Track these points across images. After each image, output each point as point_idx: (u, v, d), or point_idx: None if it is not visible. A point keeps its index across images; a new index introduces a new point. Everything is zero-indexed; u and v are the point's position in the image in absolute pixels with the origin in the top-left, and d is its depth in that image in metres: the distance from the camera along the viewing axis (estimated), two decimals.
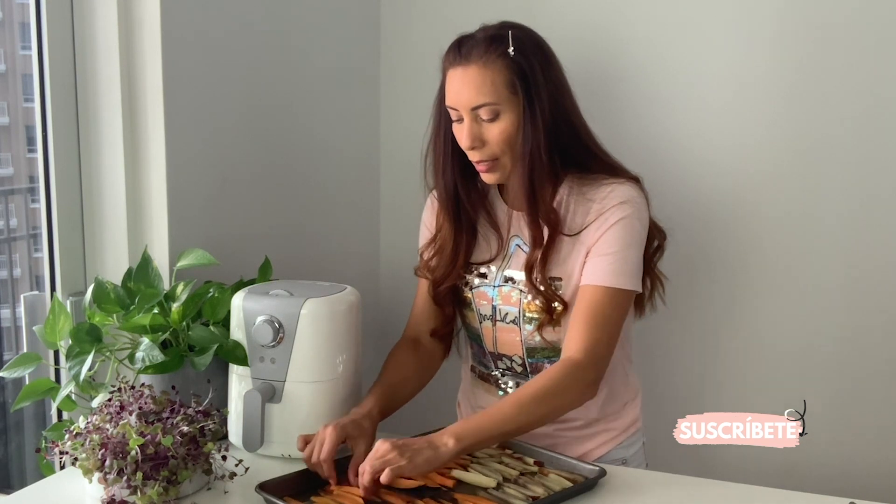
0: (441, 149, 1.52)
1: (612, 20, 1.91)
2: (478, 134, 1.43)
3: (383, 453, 1.25)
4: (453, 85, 1.44)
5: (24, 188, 1.98)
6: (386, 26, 2.13)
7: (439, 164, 1.53)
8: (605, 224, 1.45)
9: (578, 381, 1.41)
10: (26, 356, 1.47)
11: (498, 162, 1.45)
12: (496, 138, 1.43)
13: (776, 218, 1.88)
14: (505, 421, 1.35)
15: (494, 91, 1.41)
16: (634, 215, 1.45)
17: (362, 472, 1.25)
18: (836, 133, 1.81)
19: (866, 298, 1.85)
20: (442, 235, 1.57)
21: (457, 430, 1.31)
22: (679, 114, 1.90)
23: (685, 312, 1.92)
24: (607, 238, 1.44)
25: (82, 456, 1.24)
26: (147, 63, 1.56)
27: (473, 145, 1.44)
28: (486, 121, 1.42)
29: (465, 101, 1.42)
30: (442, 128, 1.51)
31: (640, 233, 1.47)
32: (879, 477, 1.86)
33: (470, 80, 1.41)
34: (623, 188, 1.47)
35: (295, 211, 1.93)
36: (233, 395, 1.47)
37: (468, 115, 1.43)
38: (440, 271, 1.57)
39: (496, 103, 1.41)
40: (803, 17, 1.80)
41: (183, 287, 1.46)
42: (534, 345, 1.53)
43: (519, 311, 1.53)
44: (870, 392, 1.88)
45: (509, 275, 1.54)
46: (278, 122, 1.87)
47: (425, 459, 1.26)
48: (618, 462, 1.56)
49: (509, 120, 1.42)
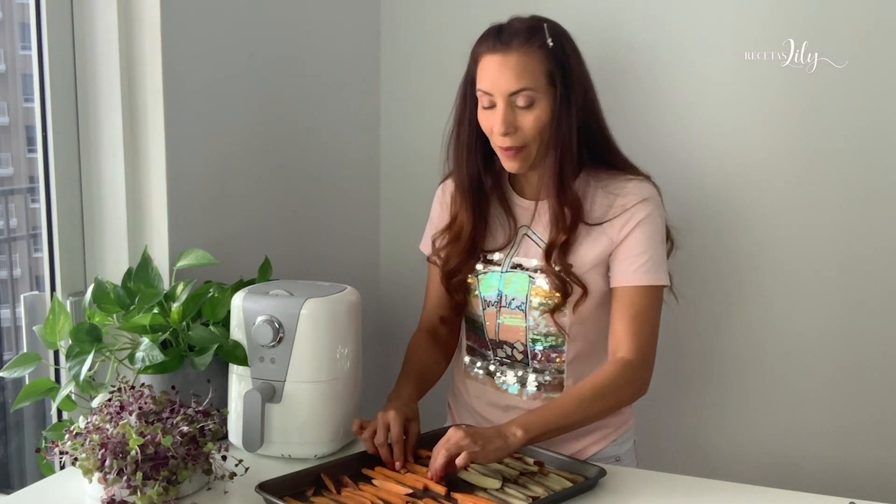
0: (466, 136, 1.54)
1: (612, 20, 1.91)
2: (512, 120, 1.45)
3: (458, 439, 1.31)
4: (491, 70, 1.46)
5: (24, 188, 1.98)
6: (386, 27, 2.13)
7: (463, 151, 1.55)
8: (632, 221, 1.49)
9: (633, 381, 1.48)
10: (26, 356, 1.47)
11: (526, 149, 1.47)
12: (530, 125, 1.45)
13: (776, 219, 1.88)
14: (566, 415, 1.42)
15: (533, 78, 1.44)
16: (657, 212, 1.51)
17: (436, 456, 1.32)
18: (838, 134, 1.81)
19: (867, 298, 1.85)
20: (459, 223, 1.58)
21: (523, 422, 1.37)
22: (681, 112, 1.90)
23: (682, 312, 1.92)
24: (637, 238, 1.49)
25: (82, 456, 1.24)
26: (147, 63, 1.56)
27: (507, 131, 1.45)
28: (522, 108, 1.45)
29: (503, 87, 1.44)
30: (467, 115, 1.53)
31: (663, 228, 1.53)
32: (879, 477, 1.87)
33: (510, 67, 1.43)
34: (644, 185, 1.52)
35: (295, 211, 1.93)
36: (233, 395, 1.47)
37: (504, 101, 1.45)
38: (455, 260, 1.58)
39: (534, 90, 1.44)
40: (804, 16, 1.80)
41: (183, 287, 1.46)
42: (538, 331, 1.55)
43: (526, 297, 1.54)
44: (870, 392, 1.88)
45: (518, 261, 1.56)
46: (278, 122, 1.87)
47: (496, 448, 1.33)
48: (611, 459, 1.58)
49: (543, 108, 1.45)
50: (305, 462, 1.41)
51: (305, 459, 1.43)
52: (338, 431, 1.46)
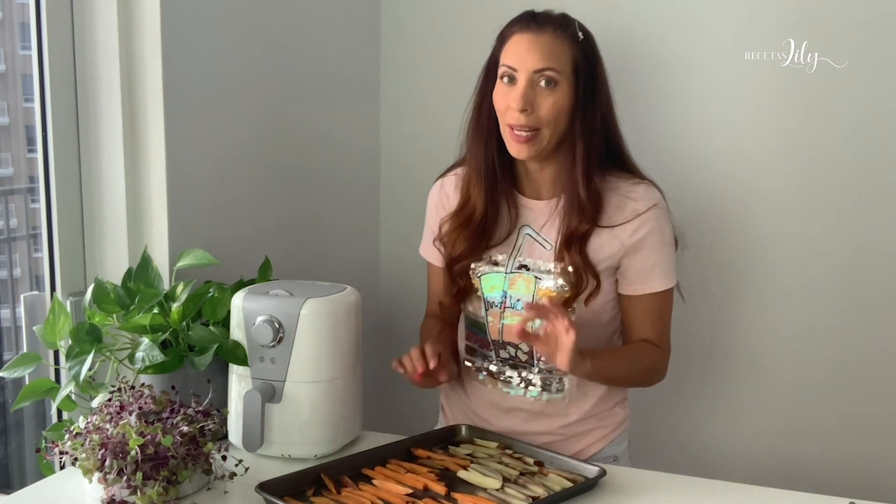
0: (486, 120, 1.54)
1: (612, 20, 1.91)
2: (531, 98, 1.45)
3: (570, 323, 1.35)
4: (520, 46, 1.47)
5: (24, 188, 1.98)
6: (386, 28, 2.13)
7: (482, 135, 1.54)
8: (644, 227, 1.51)
9: (663, 366, 1.59)
10: (26, 356, 1.47)
11: (539, 133, 1.47)
12: (548, 107, 1.46)
13: (775, 219, 1.88)
14: (619, 368, 1.54)
15: (560, 62, 1.46)
16: (665, 218, 1.55)
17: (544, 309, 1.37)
18: (838, 134, 1.81)
19: (867, 297, 1.85)
20: (472, 205, 1.57)
21: (591, 353, 1.43)
22: (681, 112, 1.91)
23: (683, 311, 1.92)
24: (651, 244, 1.52)
25: (82, 456, 1.24)
26: (147, 63, 1.56)
27: (525, 107, 1.45)
28: (543, 87, 1.45)
29: (530, 63, 1.45)
30: (487, 99, 1.53)
31: (671, 232, 1.57)
32: (879, 477, 1.87)
33: (542, 45, 1.45)
34: (652, 190, 1.55)
35: (295, 211, 1.93)
36: (233, 395, 1.47)
37: (526, 78, 1.45)
38: (462, 245, 1.58)
39: (559, 73, 1.45)
40: (804, 16, 1.80)
41: (183, 287, 1.46)
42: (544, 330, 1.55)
43: (532, 298, 1.54)
44: (870, 391, 1.88)
45: (523, 262, 1.56)
46: (279, 122, 1.87)
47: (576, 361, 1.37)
48: (609, 459, 1.60)
49: (564, 94, 1.46)
50: (305, 462, 1.41)
51: (305, 459, 1.43)
52: (338, 431, 1.46)
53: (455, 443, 1.50)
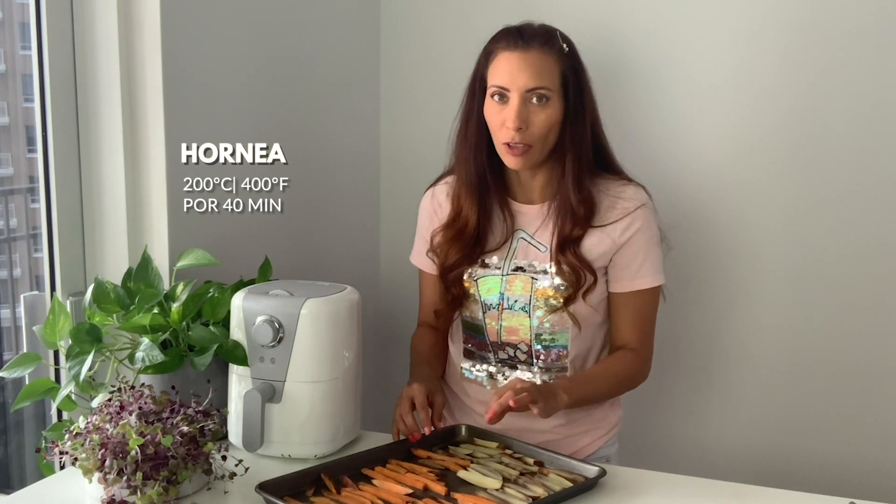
0: (475, 133, 1.55)
1: (608, 20, 1.91)
2: (525, 116, 1.47)
3: (522, 388, 1.39)
4: (509, 66, 1.48)
5: (24, 188, 1.98)
6: (386, 28, 2.13)
7: (471, 148, 1.56)
8: (633, 226, 1.54)
9: (643, 371, 1.61)
10: (26, 356, 1.47)
11: (532, 148, 1.50)
12: (541, 123, 1.48)
13: (773, 219, 1.88)
14: (596, 388, 1.55)
15: (551, 78, 1.48)
16: (653, 217, 1.58)
17: (500, 395, 1.37)
18: (837, 134, 1.81)
19: (864, 298, 1.85)
20: (464, 217, 1.59)
21: (565, 386, 1.47)
22: (677, 112, 1.90)
23: (676, 312, 1.92)
24: (638, 243, 1.55)
25: (82, 456, 1.24)
26: (147, 63, 1.56)
27: (520, 126, 1.47)
28: (535, 104, 1.47)
29: (521, 82, 1.47)
30: (475, 112, 1.55)
31: (658, 231, 1.59)
32: (879, 477, 1.86)
33: (531, 64, 1.47)
34: (641, 191, 1.58)
35: (295, 211, 1.93)
36: (233, 395, 1.47)
37: (519, 97, 1.47)
38: (455, 255, 1.59)
39: (550, 90, 1.48)
40: (802, 17, 1.80)
41: (183, 287, 1.46)
42: (543, 330, 1.57)
43: (529, 299, 1.55)
44: (869, 391, 1.88)
45: (519, 264, 1.57)
46: (278, 122, 1.87)
47: (553, 407, 1.42)
48: (603, 459, 1.61)
49: (555, 108, 1.49)
50: (305, 462, 1.41)
51: (305, 459, 1.43)
52: (338, 431, 1.46)
53: (455, 443, 1.50)
